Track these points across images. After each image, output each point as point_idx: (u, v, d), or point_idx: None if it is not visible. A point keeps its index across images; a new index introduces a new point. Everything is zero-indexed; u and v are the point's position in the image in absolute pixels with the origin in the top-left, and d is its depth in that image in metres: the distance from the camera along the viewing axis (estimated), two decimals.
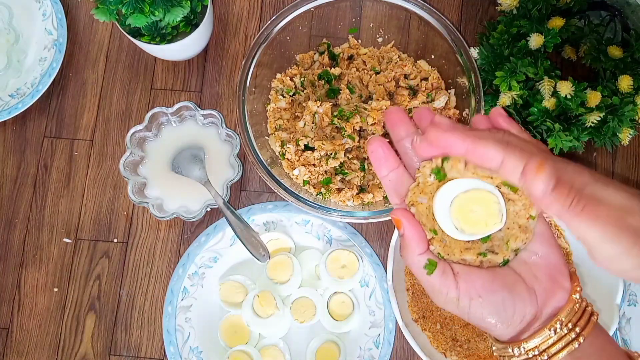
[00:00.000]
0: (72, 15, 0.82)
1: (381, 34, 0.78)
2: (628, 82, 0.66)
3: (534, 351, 0.37)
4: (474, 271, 0.37)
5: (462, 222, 0.37)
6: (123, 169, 0.71)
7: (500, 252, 0.38)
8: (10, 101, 0.78)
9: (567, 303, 0.37)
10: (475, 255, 0.38)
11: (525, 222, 0.37)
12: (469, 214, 0.37)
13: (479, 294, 0.37)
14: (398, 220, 0.38)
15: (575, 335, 0.36)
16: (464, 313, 0.37)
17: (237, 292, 0.73)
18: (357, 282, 0.73)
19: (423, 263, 0.37)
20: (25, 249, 0.76)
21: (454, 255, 0.38)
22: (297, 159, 0.72)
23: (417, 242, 0.37)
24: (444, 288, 0.37)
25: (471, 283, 0.37)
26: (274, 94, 0.75)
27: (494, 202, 0.37)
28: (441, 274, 0.37)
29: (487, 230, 0.37)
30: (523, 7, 0.70)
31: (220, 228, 0.74)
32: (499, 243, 0.38)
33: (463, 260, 0.38)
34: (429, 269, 0.37)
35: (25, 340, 0.75)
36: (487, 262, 0.38)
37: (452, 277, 0.37)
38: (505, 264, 0.38)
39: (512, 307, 0.37)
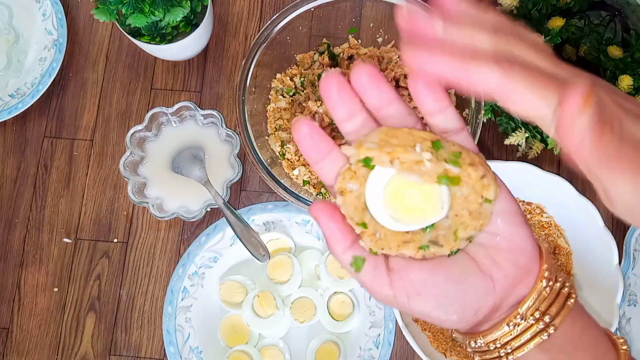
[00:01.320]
0: (72, 15, 0.82)
1: (381, 34, 0.78)
2: (628, 82, 0.66)
3: (494, 344, 0.32)
4: (413, 265, 0.32)
5: (397, 210, 0.32)
6: (123, 169, 0.71)
7: (446, 244, 0.32)
8: (10, 101, 0.78)
9: (530, 292, 0.32)
10: (415, 250, 0.32)
11: (477, 208, 0.31)
12: (405, 199, 0.31)
13: (417, 291, 0.31)
14: (315, 216, 0.32)
15: (545, 325, 0.31)
16: (406, 310, 0.32)
17: (237, 292, 0.73)
18: (357, 282, 0.73)
19: (349, 260, 0.32)
20: (25, 249, 0.77)
21: (391, 249, 0.32)
22: (297, 159, 0.72)
23: (340, 238, 0.32)
24: (376, 285, 0.32)
25: (407, 279, 0.31)
26: (274, 94, 0.75)
27: (433, 188, 0.31)
28: (372, 269, 0.32)
29: (427, 219, 0.32)
30: (523, 7, 0.70)
31: (220, 228, 0.74)
32: (444, 233, 0.32)
33: (401, 254, 0.32)
34: (355, 266, 0.32)
35: (25, 340, 0.75)
36: (430, 255, 0.32)
37: (384, 274, 0.32)
38: (454, 253, 0.33)
39: (460, 300, 0.32)
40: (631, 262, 0.71)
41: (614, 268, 0.68)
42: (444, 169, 0.30)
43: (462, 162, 0.30)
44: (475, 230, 0.32)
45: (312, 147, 0.32)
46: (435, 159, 0.30)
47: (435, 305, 0.32)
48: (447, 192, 0.31)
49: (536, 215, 0.73)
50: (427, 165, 0.30)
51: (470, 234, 0.32)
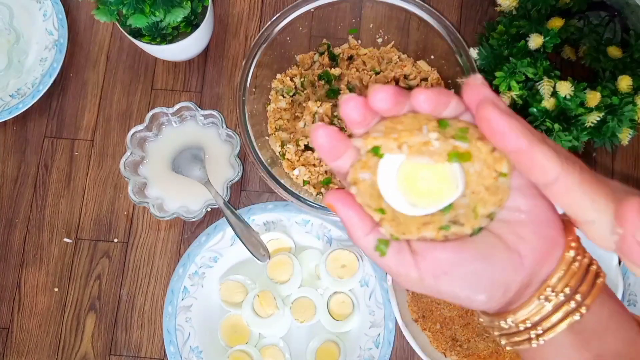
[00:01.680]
0: (73, 15, 0.82)
1: (381, 34, 0.78)
2: (627, 83, 0.66)
3: (524, 323, 0.31)
4: (437, 246, 0.31)
5: (412, 195, 0.31)
6: (123, 169, 0.71)
7: (467, 223, 0.31)
8: (10, 101, 0.78)
9: (559, 264, 0.31)
10: (436, 231, 0.31)
11: (493, 183, 0.30)
12: (418, 183, 0.31)
13: (444, 271, 0.31)
14: (329, 204, 0.32)
15: (576, 305, 0.30)
16: (433, 292, 0.31)
17: (237, 292, 0.73)
18: (357, 282, 0.73)
19: (373, 244, 0.31)
20: (25, 249, 0.77)
21: (411, 233, 0.31)
22: (297, 159, 0.72)
23: (360, 223, 0.31)
24: (402, 269, 0.31)
25: (433, 259, 0.31)
26: (274, 95, 0.75)
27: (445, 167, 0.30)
28: (396, 253, 0.31)
29: (443, 199, 0.31)
30: (522, 7, 0.71)
31: (220, 228, 0.74)
32: (464, 211, 0.31)
33: (423, 238, 0.31)
34: (380, 250, 0.31)
35: (25, 340, 0.75)
36: (452, 235, 0.31)
37: (409, 256, 0.31)
38: (478, 231, 0.32)
39: (489, 277, 0.31)
40: None
41: (614, 268, 0.68)
42: (452, 146, 0.30)
43: (471, 137, 0.30)
44: (495, 206, 0.31)
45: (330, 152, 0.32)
46: (442, 137, 0.30)
47: (463, 284, 0.31)
48: (460, 169, 0.31)
49: None
50: (436, 145, 0.30)
51: (490, 210, 0.31)
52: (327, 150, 0.32)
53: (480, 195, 0.31)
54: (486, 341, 0.70)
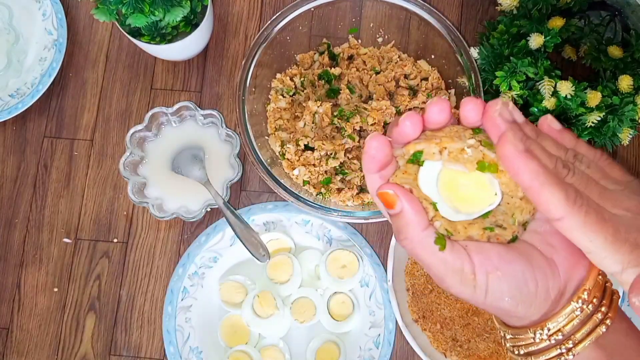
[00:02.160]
0: (72, 15, 0.82)
1: (381, 34, 0.78)
2: (628, 82, 0.66)
3: (557, 335, 0.32)
4: (484, 245, 0.32)
5: (454, 201, 0.32)
6: (123, 169, 0.71)
7: (508, 227, 0.33)
8: (10, 101, 0.78)
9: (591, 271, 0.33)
10: (481, 230, 0.33)
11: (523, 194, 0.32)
12: (459, 189, 0.32)
13: (496, 267, 0.32)
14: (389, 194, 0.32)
15: (602, 317, 0.32)
16: (481, 293, 0.32)
17: (237, 292, 0.73)
18: (357, 282, 0.73)
19: (432, 238, 0.32)
20: (25, 249, 0.76)
21: (459, 232, 0.33)
22: (297, 159, 0.72)
23: (419, 215, 0.32)
24: (459, 262, 0.32)
25: (485, 255, 0.32)
26: (274, 94, 0.75)
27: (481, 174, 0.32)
28: (451, 248, 0.32)
29: (484, 205, 0.32)
30: (523, 7, 0.70)
31: (220, 228, 0.74)
32: (503, 217, 0.33)
33: (469, 237, 0.33)
34: (440, 242, 0.32)
35: (25, 340, 0.75)
36: (494, 237, 0.33)
37: (463, 251, 0.32)
38: (514, 240, 0.33)
39: (533, 280, 0.32)
40: None
41: None
42: (482, 154, 0.31)
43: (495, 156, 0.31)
44: (530, 215, 0.33)
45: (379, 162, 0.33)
46: (477, 143, 0.31)
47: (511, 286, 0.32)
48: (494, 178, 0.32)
49: None
50: (469, 153, 0.31)
51: (526, 217, 0.33)
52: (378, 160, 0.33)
53: (517, 203, 0.32)
54: (486, 341, 0.70)
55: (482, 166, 0.31)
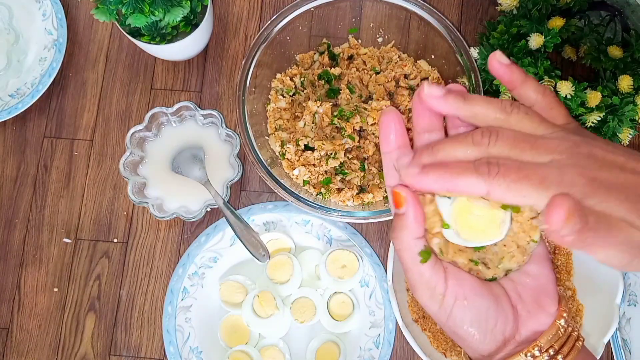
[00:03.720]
0: (72, 15, 0.82)
1: (381, 34, 0.78)
2: (628, 82, 0.66)
3: None
4: (463, 273, 0.35)
5: (460, 225, 0.34)
6: (123, 169, 0.71)
7: (492, 267, 0.36)
8: (10, 101, 0.78)
9: (550, 328, 0.35)
10: (467, 260, 0.36)
11: (525, 244, 0.35)
12: (470, 217, 0.34)
13: (465, 296, 0.34)
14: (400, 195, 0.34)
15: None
16: (444, 314, 0.35)
17: (237, 292, 0.73)
18: (357, 282, 0.73)
19: (419, 248, 0.34)
20: (25, 249, 0.76)
21: (448, 254, 0.35)
22: (297, 159, 0.72)
23: (418, 224, 0.34)
24: (434, 280, 0.34)
25: (460, 282, 0.35)
26: (274, 94, 0.75)
27: (498, 212, 0.34)
28: (433, 264, 0.35)
29: (484, 239, 0.35)
30: (523, 7, 0.70)
31: (220, 228, 0.74)
32: (491, 257, 0.36)
33: (454, 262, 0.36)
34: (423, 256, 0.34)
35: (25, 340, 0.75)
36: (474, 272, 0.36)
37: (442, 272, 0.35)
38: (493, 280, 0.36)
39: (494, 318, 0.35)
40: None
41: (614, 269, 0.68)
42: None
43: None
44: (517, 265, 0.35)
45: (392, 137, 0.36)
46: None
47: (473, 317, 0.35)
48: (509, 221, 0.34)
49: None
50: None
51: (512, 266, 0.35)
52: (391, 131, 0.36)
53: (511, 249, 0.35)
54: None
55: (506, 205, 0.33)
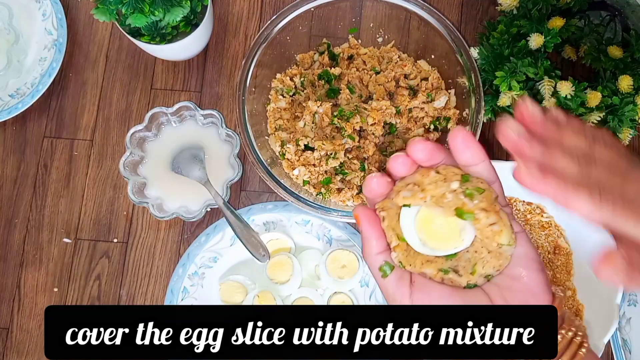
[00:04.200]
0: (72, 15, 0.82)
1: (381, 34, 0.78)
2: (628, 82, 0.66)
3: None
4: (434, 284, 0.35)
5: (425, 235, 0.35)
6: (123, 169, 0.71)
7: (464, 275, 0.35)
8: (10, 101, 0.78)
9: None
10: (435, 270, 0.36)
11: (496, 248, 0.35)
12: (432, 226, 0.35)
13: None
14: (357, 215, 0.37)
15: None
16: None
17: (237, 292, 0.73)
18: (357, 282, 0.73)
19: (379, 264, 0.36)
20: (25, 249, 0.76)
21: (415, 266, 0.36)
22: (297, 159, 0.72)
23: (375, 240, 0.36)
24: (398, 293, 0.35)
25: (427, 294, 0.35)
26: (274, 94, 0.75)
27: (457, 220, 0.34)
28: (397, 279, 0.36)
29: (449, 247, 0.35)
30: (523, 7, 0.70)
31: (220, 228, 0.74)
32: (464, 265, 0.36)
33: (423, 273, 0.36)
34: (383, 271, 0.36)
35: (25, 340, 0.75)
36: (448, 281, 0.36)
37: (407, 285, 0.35)
38: (471, 287, 0.36)
39: None
40: None
41: None
42: (461, 202, 0.34)
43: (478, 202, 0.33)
44: (494, 270, 0.35)
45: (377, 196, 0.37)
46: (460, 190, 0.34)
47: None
48: (470, 227, 0.34)
49: (536, 215, 0.73)
50: (449, 198, 0.34)
51: (488, 271, 0.35)
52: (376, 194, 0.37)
53: (483, 255, 0.35)
54: None
55: (460, 212, 0.33)
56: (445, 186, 0.34)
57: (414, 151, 0.35)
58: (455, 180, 0.34)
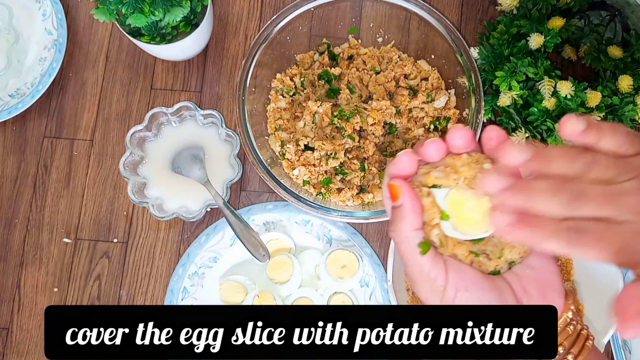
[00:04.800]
0: (72, 15, 0.82)
1: (381, 34, 0.78)
2: (628, 82, 0.66)
3: None
4: (464, 266, 0.35)
5: (455, 218, 0.35)
6: (123, 169, 0.71)
7: (493, 259, 0.36)
8: (10, 101, 0.78)
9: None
10: (467, 251, 0.35)
11: None
12: (463, 209, 0.34)
13: (467, 287, 0.34)
14: (397, 187, 0.35)
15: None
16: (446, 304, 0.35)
17: (237, 292, 0.73)
18: (357, 282, 0.73)
19: (417, 240, 0.35)
20: (25, 249, 0.76)
21: (447, 247, 0.35)
22: (297, 159, 0.72)
23: (415, 215, 0.34)
24: (434, 272, 0.34)
25: (461, 274, 0.35)
26: (274, 94, 0.75)
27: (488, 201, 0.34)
28: (433, 257, 0.35)
29: (480, 230, 0.35)
30: (523, 7, 0.70)
31: (220, 228, 0.74)
32: (492, 249, 0.36)
33: (454, 255, 0.35)
34: (423, 247, 0.34)
35: (25, 340, 0.75)
36: (477, 263, 0.36)
37: (442, 263, 0.35)
38: (496, 274, 0.36)
39: None
40: None
41: (614, 268, 0.68)
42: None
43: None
44: (519, 255, 0.35)
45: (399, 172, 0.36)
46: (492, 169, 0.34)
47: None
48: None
49: None
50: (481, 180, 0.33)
51: (514, 257, 0.35)
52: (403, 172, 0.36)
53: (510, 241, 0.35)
54: None
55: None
56: (478, 167, 0.34)
57: (454, 138, 0.35)
58: (487, 162, 0.34)
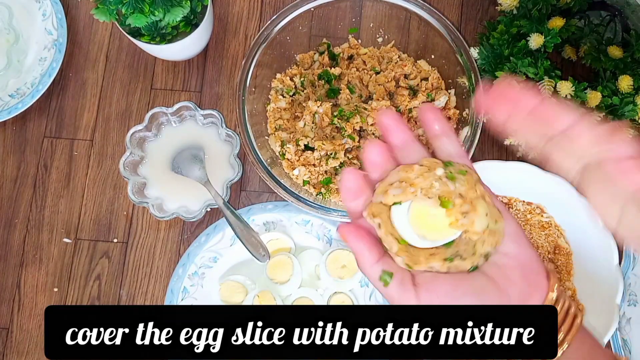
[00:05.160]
0: (72, 15, 0.82)
1: (381, 34, 0.78)
2: (628, 82, 0.66)
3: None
4: (439, 278, 0.35)
5: (422, 229, 0.35)
6: (123, 169, 0.71)
7: (468, 257, 0.35)
8: (10, 101, 0.78)
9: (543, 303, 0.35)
10: (441, 261, 0.35)
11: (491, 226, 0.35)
12: (428, 218, 0.35)
13: (440, 302, 0.34)
14: (342, 234, 0.36)
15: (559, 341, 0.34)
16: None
17: (237, 292, 0.73)
18: (357, 282, 0.73)
19: (378, 274, 0.35)
20: (25, 249, 0.76)
21: (421, 263, 0.35)
22: (297, 159, 0.72)
23: (368, 252, 0.35)
24: (403, 298, 0.35)
25: (433, 291, 0.34)
26: (274, 94, 0.75)
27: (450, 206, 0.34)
28: (399, 284, 0.35)
29: (449, 234, 0.35)
30: (523, 7, 0.70)
31: (220, 228, 0.74)
32: (465, 248, 0.36)
33: (430, 267, 0.35)
34: (384, 280, 0.35)
35: (25, 340, 0.75)
36: (454, 268, 0.35)
37: (411, 288, 0.35)
38: (474, 269, 0.36)
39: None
40: (631, 262, 0.71)
41: (614, 268, 0.68)
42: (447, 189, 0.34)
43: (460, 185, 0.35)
44: (492, 247, 0.35)
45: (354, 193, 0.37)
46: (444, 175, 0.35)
47: None
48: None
49: (536, 215, 0.73)
50: (436, 187, 0.34)
51: (487, 249, 0.35)
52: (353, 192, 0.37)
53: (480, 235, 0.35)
54: None
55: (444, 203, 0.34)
56: (432, 175, 0.35)
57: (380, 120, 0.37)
58: (439, 167, 0.35)
